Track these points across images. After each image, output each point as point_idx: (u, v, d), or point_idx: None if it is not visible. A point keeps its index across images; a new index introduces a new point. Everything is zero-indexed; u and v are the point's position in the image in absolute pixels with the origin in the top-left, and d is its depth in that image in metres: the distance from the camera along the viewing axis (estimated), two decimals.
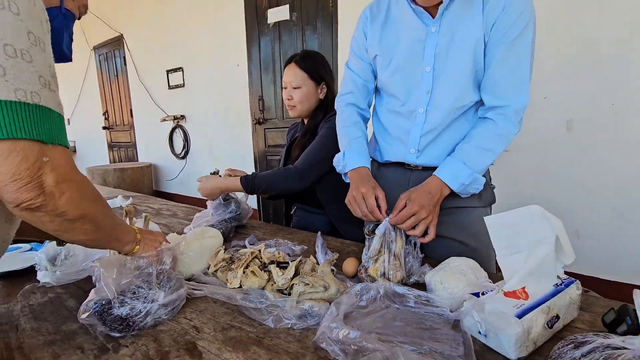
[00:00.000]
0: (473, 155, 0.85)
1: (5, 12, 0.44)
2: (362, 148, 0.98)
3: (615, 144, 1.77)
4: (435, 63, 0.87)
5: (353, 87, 1.04)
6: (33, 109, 0.47)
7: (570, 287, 0.63)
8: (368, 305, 0.70)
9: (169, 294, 0.68)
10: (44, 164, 0.49)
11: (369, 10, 0.98)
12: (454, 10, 0.83)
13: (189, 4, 3.80)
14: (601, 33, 1.72)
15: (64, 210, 0.52)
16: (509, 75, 0.82)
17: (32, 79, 0.47)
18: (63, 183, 0.51)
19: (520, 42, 0.80)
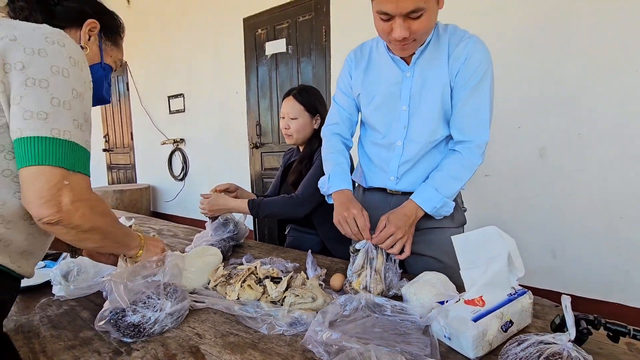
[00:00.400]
0: (444, 183, 0.97)
1: (59, 76, 0.61)
2: (344, 173, 1.09)
3: (582, 170, 1.92)
4: (410, 102, 1.01)
5: (339, 119, 1.17)
6: (63, 143, 0.60)
7: (522, 296, 0.73)
8: (351, 314, 0.79)
9: (175, 304, 0.77)
10: (64, 186, 0.60)
11: (353, 55, 1.12)
12: (425, 60, 0.97)
13: (191, 35, 4.03)
14: (565, 69, 1.90)
15: (78, 224, 0.63)
16: (471, 116, 0.96)
17: (67, 121, 0.61)
18: (78, 202, 0.62)
19: (479, 88, 0.94)
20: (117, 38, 0.89)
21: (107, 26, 0.85)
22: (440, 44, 0.96)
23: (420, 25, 0.85)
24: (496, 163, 2.14)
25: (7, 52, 0.59)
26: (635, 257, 1.83)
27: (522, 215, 2.11)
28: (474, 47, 0.93)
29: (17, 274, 0.68)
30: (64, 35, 0.64)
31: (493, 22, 2.09)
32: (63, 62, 0.62)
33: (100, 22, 0.81)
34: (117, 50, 0.89)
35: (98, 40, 0.83)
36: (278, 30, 3.22)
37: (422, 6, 0.81)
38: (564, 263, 2.02)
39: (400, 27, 0.84)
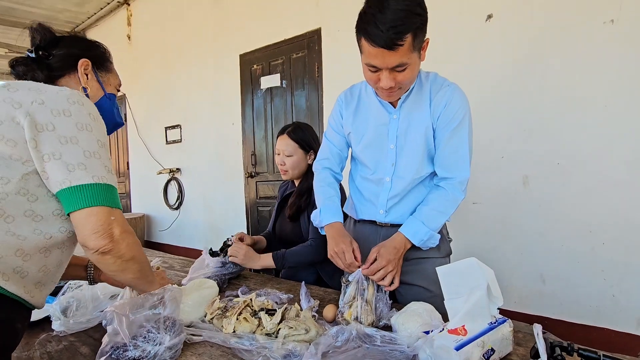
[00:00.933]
0: (430, 217, 1.04)
1: (84, 132, 0.72)
2: (335, 206, 1.16)
3: (564, 197, 2.00)
4: (397, 142, 1.09)
5: (329, 154, 1.25)
6: (103, 186, 0.72)
7: (502, 324, 0.78)
8: (343, 345, 0.83)
9: (173, 338, 0.80)
10: (112, 221, 0.72)
11: (344, 96, 1.21)
12: (409, 104, 1.07)
13: (190, 70, 4.20)
14: (543, 103, 2.04)
15: (124, 253, 0.74)
16: (452, 155, 1.05)
17: (101, 168, 0.73)
18: (124, 233, 0.74)
19: (459, 130, 1.03)
20: (108, 65, 0.95)
21: (97, 59, 0.91)
22: (423, 90, 1.06)
23: (404, 77, 0.94)
24: (483, 191, 2.23)
25: (37, 114, 0.68)
26: (619, 281, 1.89)
27: (510, 241, 2.17)
28: (452, 94, 1.03)
29: (30, 304, 0.73)
30: (81, 95, 0.75)
31: (479, 62, 2.24)
32: (85, 118, 0.72)
33: (90, 58, 0.88)
34: (112, 76, 0.96)
35: (95, 75, 0.90)
36: (273, 66, 3.38)
37: (406, 61, 0.90)
38: (554, 288, 2.06)
39: (387, 78, 0.93)
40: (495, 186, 2.20)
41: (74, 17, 5.23)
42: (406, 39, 0.86)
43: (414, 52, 0.90)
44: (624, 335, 1.87)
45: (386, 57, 0.89)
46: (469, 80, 2.20)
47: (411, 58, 0.91)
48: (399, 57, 0.89)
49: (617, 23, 1.80)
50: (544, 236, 2.07)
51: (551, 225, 2.04)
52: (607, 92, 1.87)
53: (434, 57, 1.00)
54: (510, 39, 2.12)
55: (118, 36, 5.10)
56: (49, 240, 0.72)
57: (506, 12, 2.13)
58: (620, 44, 1.81)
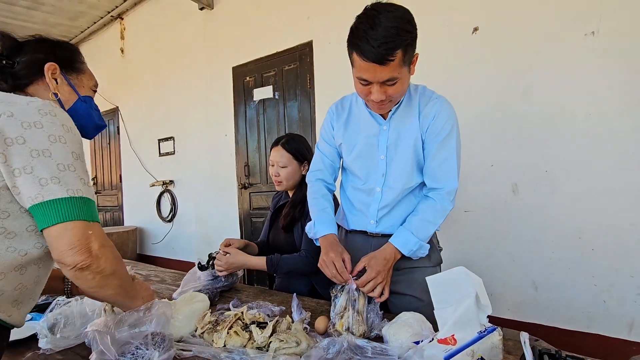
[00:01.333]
0: (419, 227, 1.06)
1: (57, 144, 0.69)
2: (329, 218, 1.16)
3: (553, 204, 2.03)
4: (387, 152, 1.11)
5: (322, 165, 1.26)
6: (79, 200, 0.69)
7: (492, 333, 0.78)
8: (334, 357, 0.82)
9: (162, 354, 0.79)
10: (90, 235, 0.69)
11: (335, 108, 1.23)
12: (399, 116, 1.09)
13: (183, 82, 4.22)
14: (530, 113, 2.08)
15: (103, 268, 0.71)
16: (441, 166, 1.07)
17: (75, 181, 0.70)
18: (103, 247, 0.71)
19: (447, 142, 1.05)
20: (79, 65, 0.89)
21: (64, 61, 0.86)
22: (412, 103, 1.09)
23: (395, 90, 0.96)
24: (474, 199, 2.25)
25: (6, 127, 0.65)
26: (610, 287, 1.90)
27: (502, 248, 2.19)
28: (440, 106, 1.06)
29: (8, 323, 0.71)
30: (53, 105, 0.72)
31: (466, 74, 2.29)
32: (57, 130, 0.69)
33: (57, 62, 0.83)
34: (86, 77, 0.90)
35: (65, 79, 0.85)
36: (265, 78, 3.41)
37: (397, 76, 0.93)
38: (546, 294, 2.07)
39: (377, 92, 0.96)
40: (485, 195, 2.23)
41: (68, 31, 5.25)
42: (396, 55, 0.88)
43: (404, 67, 0.93)
44: (616, 341, 1.88)
45: (377, 71, 0.91)
46: (457, 92, 2.25)
47: (401, 73, 0.93)
48: (389, 72, 0.91)
49: (598, 35, 1.87)
50: (534, 243, 2.09)
51: (541, 233, 2.07)
52: (589, 101, 1.92)
53: (421, 69, 1.02)
54: (496, 51, 2.17)
55: (111, 50, 5.12)
56: (23, 257, 0.70)
57: (492, 25, 2.19)
58: (600, 55, 1.87)
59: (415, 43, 0.94)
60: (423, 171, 1.10)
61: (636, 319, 1.84)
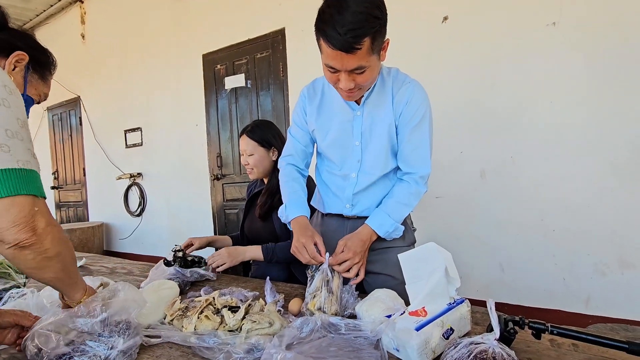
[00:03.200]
0: (395, 209, 1.07)
1: (2, 107, 0.62)
2: (300, 200, 1.14)
3: (517, 189, 2.13)
4: (362, 138, 1.10)
5: (293, 150, 1.23)
6: (27, 172, 0.63)
7: (461, 304, 0.80)
8: (307, 336, 0.82)
9: (127, 340, 0.76)
10: (36, 212, 0.64)
11: (306, 91, 1.19)
12: (372, 101, 1.08)
13: (150, 70, 4.03)
14: (495, 102, 2.17)
15: (47, 248, 0.66)
16: (414, 151, 1.07)
17: (24, 151, 0.64)
18: (49, 226, 0.65)
19: (420, 127, 1.06)
20: (46, 73, 0.91)
21: (37, 61, 0.87)
22: (385, 87, 1.08)
23: (364, 79, 0.94)
24: (444, 185, 2.32)
25: None
26: (568, 265, 2.02)
27: (471, 232, 2.27)
28: (413, 91, 1.05)
29: None
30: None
31: (435, 63, 2.34)
32: (0, 91, 0.62)
33: (30, 56, 0.84)
34: (43, 84, 0.92)
35: (24, 72, 0.84)
36: (237, 66, 3.33)
37: (365, 64, 0.89)
38: (512, 275, 2.17)
39: (345, 80, 0.93)
40: (455, 181, 2.30)
41: (20, 14, 4.88)
42: (364, 43, 0.85)
43: (373, 55, 0.89)
44: (574, 315, 2.01)
45: (344, 59, 0.88)
46: (426, 81, 2.26)
47: (370, 61, 0.90)
48: (357, 60, 0.88)
49: (559, 25, 1.95)
50: (501, 227, 2.18)
51: (507, 216, 2.16)
52: (552, 90, 2.01)
53: (390, 57, 1.01)
54: (464, 41, 2.23)
55: (71, 35, 4.81)
56: None
57: (461, 15, 2.24)
58: (561, 44, 1.96)
59: (385, 29, 0.91)
60: (397, 156, 1.11)
61: (592, 294, 1.97)
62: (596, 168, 1.93)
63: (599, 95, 1.90)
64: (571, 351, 0.72)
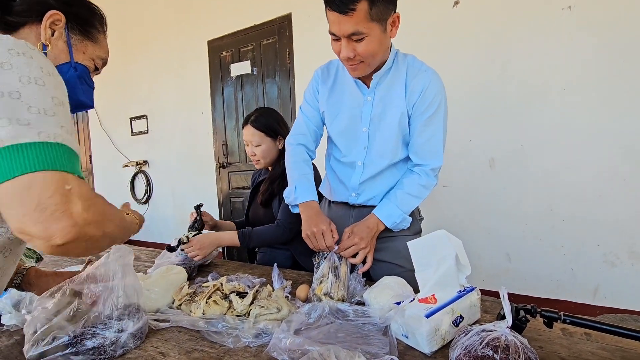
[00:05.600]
0: (404, 200, 1.05)
1: (32, 85, 0.51)
2: (310, 184, 1.11)
3: (527, 178, 2.10)
4: (370, 125, 1.07)
5: (305, 129, 1.19)
6: (54, 146, 0.49)
7: (471, 292, 0.79)
8: (315, 322, 0.82)
9: (137, 323, 0.76)
10: (68, 192, 0.48)
11: (320, 72, 1.16)
12: (384, 86, 1.05)
13: (155, 57, 4.00)
14: (506, 89, 2.12)
15: (92, 235, 0.51)
16: (426, 144, 1.05)
17: (54, 126, 0.51)
18: (89, 208, 0.50)
19: (434, 119, 1.03)
20: (93, 32, 0.77)
21: (77, 18, 0.73)
22: (399, 73, 1.04)
23: (364, 49, 0.92)
24: (452, 174, 2.29)
25: None
26: (577, 256, 2.00)
27: (478, 222, 2.25)
28: (429, 81, 1.01)
29: None
30: (30, 47, 0.56)
31: (445, 48, 2.28)
32: (33, 72, 0.53)
33: (65, 15, 0.70)
34: (94, 46, 0.78)
35: (65, 36, 0.71)
36: (243, 53, 3.28)
37: (362, 30, 0.89)
38: (519, 265, 2.16)
39: (345, 48, 0.92)
40: (464, 170, 2.27)
41: None
42: (359, 5, 0.85)
43: (372, 22, 0.89)
44: (582, 306, 2.00)
45: (342, 22, 0.88)
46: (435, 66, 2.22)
47: (369, 28, 0.89)
48: (353, 24, 0.88)
49: (575, 9, 1.89)
50: (509, 216, 2.16)
51: (516, 206, 2.13)
52: (564, 76, 1.96)
53: (400, 42, 0.98)
54: (475, 26, 2.17)
55: None
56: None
57: None
58: (577, 29, 1.90)
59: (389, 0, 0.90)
60: (408, 147, 1.08)
61: (600, 285, 1.96)
62: (608, 157, 1.89)
63: (613, 81, 1.85)
64: (584, 340, 0.72)
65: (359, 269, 0.99)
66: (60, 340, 0.70)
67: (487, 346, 0.57)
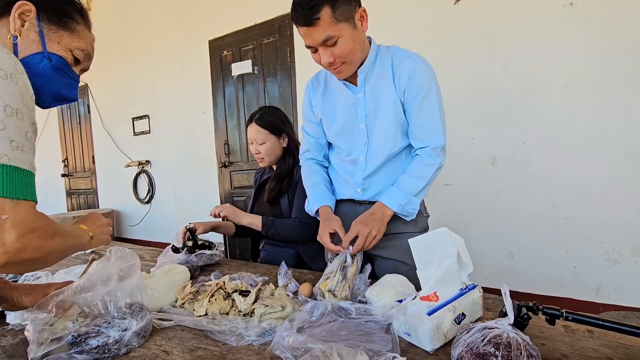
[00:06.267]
0: (406, 182, 1.05)
1: None
2: (320, 191, 1.17)
3: (529, 175, 2.09)
4: (367, 121, 1.09)
5: (309, 146, 1.26)
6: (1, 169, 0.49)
7: (472, 290, 0.79)
8: (318, 320, 0.82)
9: (140, 322, 0.77)
10: (4, 222, 0.50)
11: (310, 83, 1.22)
12: (372, 81, 1.07)
13: (156, 57, 4.01)
14: (507, 86, 2.11)
15: (29, 258, 0.54)
16: (424, 125, 1.05)
17: (1, 144, 0.50)
18: (23, 237, 0.52)
19: (427, 101, 1.03)
20: (70, 22, 0.73)
21: (49, 8, 0.70)
22: (384, 64, 1.06)
23: (341, 50, 0.95)
24: (454, 172, 2.28)
25: None
26: (579, 254, 2.00)
27: (480, 220, 2.25)
28: (415, 64, 1.03)
29: None
30: None
31: (445, 45, 2.27)
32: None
33: (36, 5, 0.68)
34: (71, 36, 0.73)
35: (37, 26, 0.68)
36: (244, 52, 3.29)
37: (333, 34, 0.92)
38: (521, 263, 2.16)
39: (323, 54, 0.96)
40: (465, 168, 2.26)
41: None
42: (322, 12, 0.89)
43: (339, 23, 0.92)
44: (584, 303, 2.00)
45: (312, 33, 0.92)
46: (436, 63, 2.21)
47: (338, 30, 0.92)
48: (322, 31, 0.91)
49: (577, 5, 1.88)
50: (511, 214, 2.15)
51: (518, 203, 2.13)
52: (566, 73, 1.95)
53: (401, 38, 0.99)
54: (477, 23, 2.16)
55: None
56: None
57: None
58: (579, 26, 1.89)
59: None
60: (408, 134, 1.09)
61: (603, 282, 1.95)
62: (610, 154, 1.88)
63: (616, 78, 1.84)
64: (586, 337, 0.72)
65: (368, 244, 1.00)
66: (64, 341, 0.70)
67: (489, 343, 0.58)
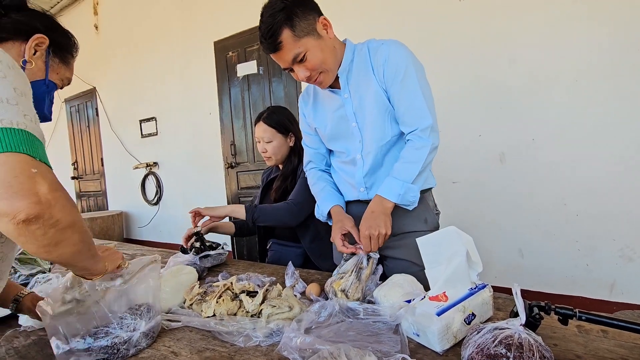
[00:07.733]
0: (399, 169, 1.02)
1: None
2: (328, 193, 1.18)
3: (538, 172, 2.05)
4: (356, 118, 1.10)
5: (310, 157, 1.28)
6: (19, 132, 0.52)
7: (482, 290, 0.78)
8: (325, 321, 0.82)
9: (149, 323, 0.77)
10: (35, 174, 0.51)
11: (301, 97, 1.25)
12: (354, 79, 1.08)
13: (162, 59, 4.04)
14: (514, 82, 2.07)
15: (58, 219, 0.53)
16: (408, 108, 1.03)
17: (17, 114, 0.54)
18: (55, 192, 0.53)
19: (406, 82, 1.01)
20: (68, 57, 0.86)
21: (58, 44, 0.82)
22: (363, 59, 1.07)
23: (313, 63, 0.99)
24: (462, 169, 2.26)
25: None
26: (592, 251, 1.96)
27: (489, 217, 2.22)
28: (389, 49, 1.02)
29: None
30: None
31: (451, 42, 2.25)
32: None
33: (50, 39, 0.79)
34: (65, 68, 0.87)
35: (45, 56, 0.80)
36: (249, 52, 3.29)
37: (299, 50, 0.96)
38: (532, 261, 2.12)
39: (299, 71, 1.00)
40: (473, 165, 2.23)
41: (34, 6, 4.93)
42: (282, 37, 0.93)
43: (302, 39, 0.95)
44: (597, 302, 1.96)
45: (281, 57, 0.97)
46: (443, 60, 2.21)
47: (303, 45, 0.96)
48: (289, 51, 0.96)
49: None
50: (521, 211, 2.12)
51: (527, 200, 2.10)
52: (575, 67, 1.91)
53: (406, 36, 0.98)
54: (482, 19, 2.13)
55: (84, 26, 4.85)
56: None
57: None
58: (587, 18, 1.85)
59: (303, 11, 0.95)
60: (397, 120, 1.08)
61: (617, 280, 1.91)
62: (622, 148, 1.84)
63: (626, 71, 1.80)
64: (600, 337, 0.70)
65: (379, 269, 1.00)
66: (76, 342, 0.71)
67: (500, 344, 0.57)
